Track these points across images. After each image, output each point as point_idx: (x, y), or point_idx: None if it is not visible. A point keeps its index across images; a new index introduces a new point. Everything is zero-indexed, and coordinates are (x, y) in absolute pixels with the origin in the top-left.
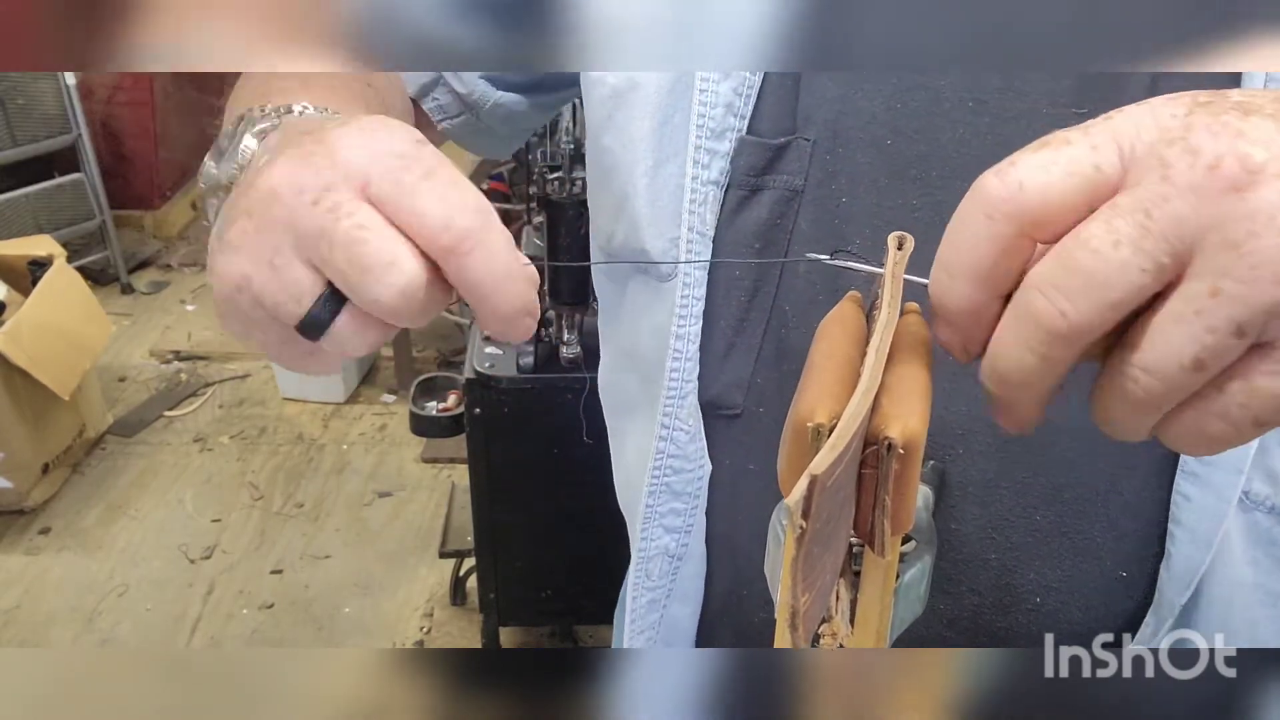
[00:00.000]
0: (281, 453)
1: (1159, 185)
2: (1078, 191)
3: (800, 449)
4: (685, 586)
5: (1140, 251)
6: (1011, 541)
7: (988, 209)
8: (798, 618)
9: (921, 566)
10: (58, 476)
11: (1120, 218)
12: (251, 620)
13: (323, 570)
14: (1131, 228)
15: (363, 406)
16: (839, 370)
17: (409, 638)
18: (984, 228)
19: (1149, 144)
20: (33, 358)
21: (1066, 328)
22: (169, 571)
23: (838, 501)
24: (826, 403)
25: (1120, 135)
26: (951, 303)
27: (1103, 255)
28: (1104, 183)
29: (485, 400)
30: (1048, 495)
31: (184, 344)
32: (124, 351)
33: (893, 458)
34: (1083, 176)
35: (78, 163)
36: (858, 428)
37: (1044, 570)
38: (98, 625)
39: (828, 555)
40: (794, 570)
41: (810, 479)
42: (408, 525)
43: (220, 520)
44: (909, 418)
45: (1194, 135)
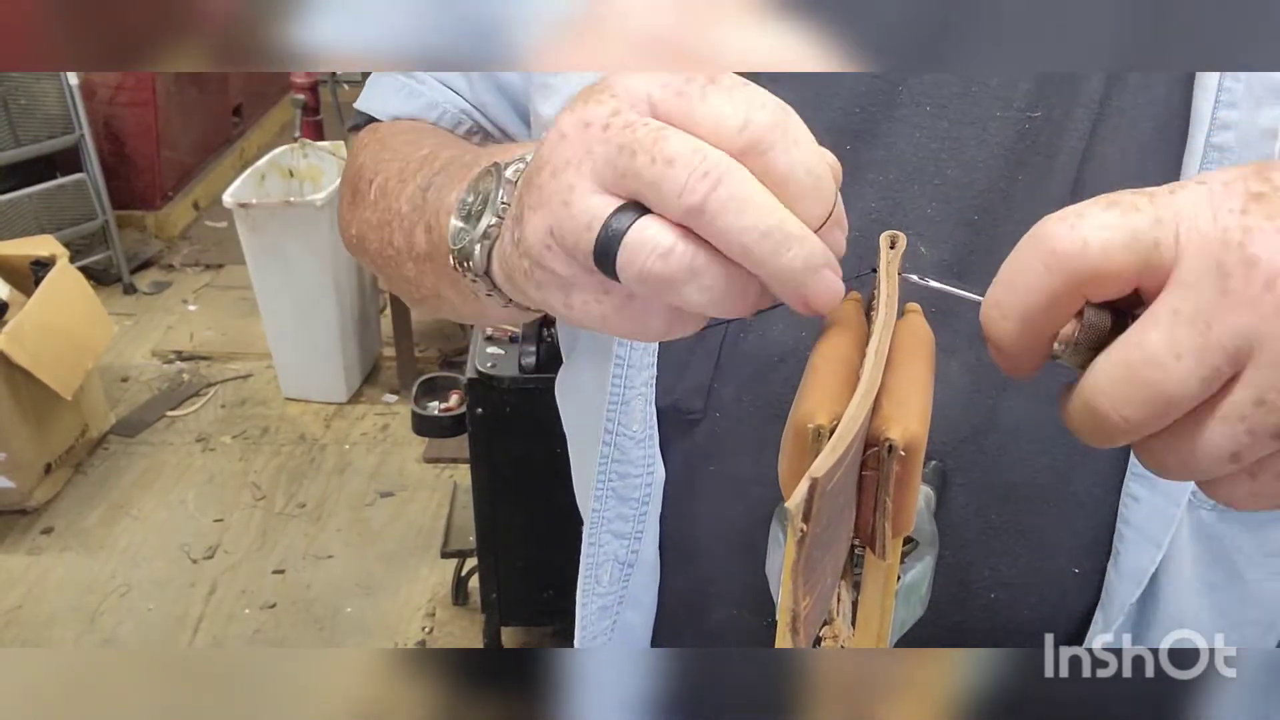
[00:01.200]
0: (283, 453)
1: (1218, 297)
2: (1135, 262)
3: (801, 451)
4: (637, 594)
5: (1201, 364)
6: (965, 539)
7: (1048, 260)
8: (799, 621)
9: (922, 567)
10: (60, 476)
11: (1181, 328)
12: (253, 620)
13: (324, 570)
14: (1192, 339)
15: (365, 406)
16: (839, 372)
17: (411, 638)
18: (1041, 279)
19: (1205, 240)
20: (35, 358)
21: (1127, 429)
22: (171, 571)
23: (838, 504)
24: (827, 405)
25: (1181, 217)
26: (1004, 341)
27: (1165, 368)
28: (1158, 261)
29: (487, 400)
30: (1000, 493)
31: (186, 344)
32: (126, 351)
33: (893, 459)
34: (1143, 249)
35: (80, 163)
36: (858, 430)
37: (998, 566)
38: (100, 625)
39: (828, 558)
40: (795, 573)
41: (811, 482)
42: (409, 525)
43: (222, 520)
44: (909, 419)
45: (1252, 243)
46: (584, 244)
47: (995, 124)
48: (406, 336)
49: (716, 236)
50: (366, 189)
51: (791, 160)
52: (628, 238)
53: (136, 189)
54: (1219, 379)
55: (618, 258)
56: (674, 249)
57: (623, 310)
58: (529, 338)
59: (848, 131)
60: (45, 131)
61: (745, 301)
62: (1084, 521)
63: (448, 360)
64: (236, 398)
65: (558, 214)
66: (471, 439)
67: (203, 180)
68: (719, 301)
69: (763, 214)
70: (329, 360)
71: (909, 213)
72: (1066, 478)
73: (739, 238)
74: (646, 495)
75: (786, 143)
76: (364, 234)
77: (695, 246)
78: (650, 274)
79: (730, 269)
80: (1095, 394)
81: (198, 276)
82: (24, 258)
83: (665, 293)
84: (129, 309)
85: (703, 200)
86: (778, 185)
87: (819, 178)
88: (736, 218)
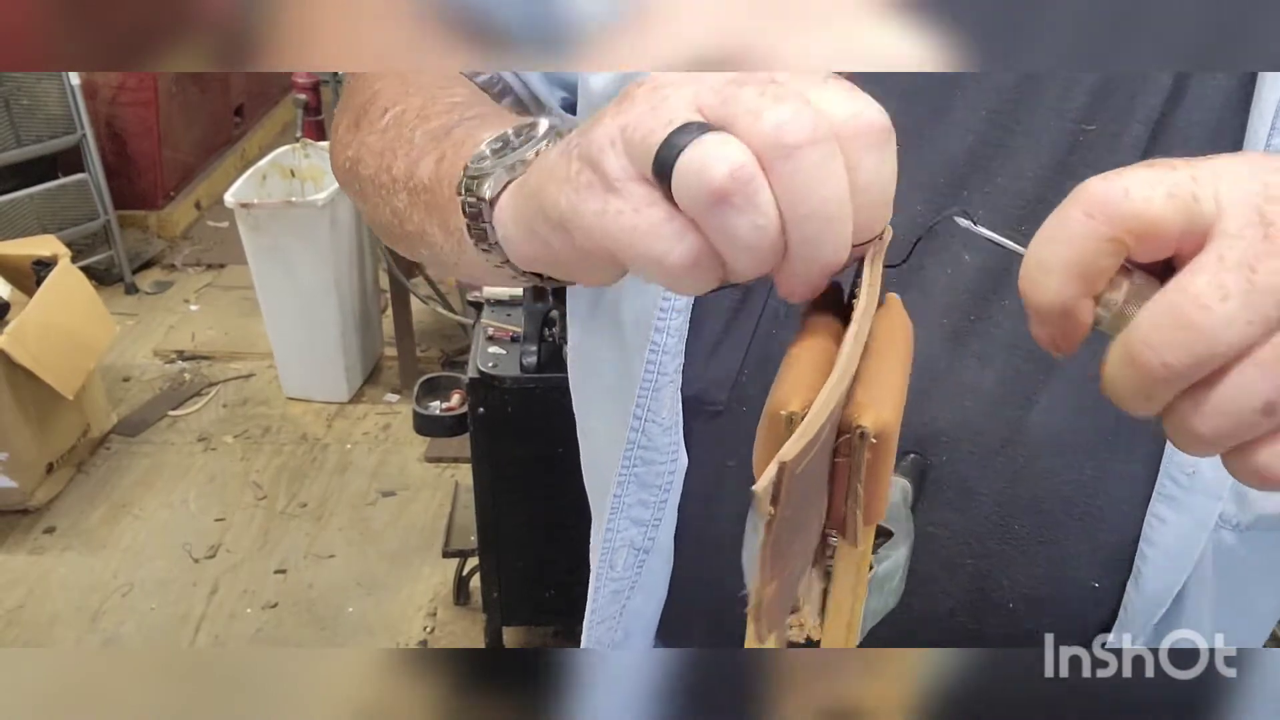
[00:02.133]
0: (285, 452)
1: (1263, 244)
2: (1176, 214)
3: (774, 437)
4: (650, 579)
5: (1248, 306)
6: (988, 548)
7: (1089, 208)
8: (760, 608)
9: (896, 559)
10: (62, 476)
11: (1227, 272)
12: (255, 620)
13: (326, 570)
14: (1238, 281)
15: (366, 406)
16: (815, 359)
17: (412, 637)
18: (1084, 225)
19: (1247, 195)
20: (37, 358)
21: (1169, 376)
22: (173, 571)
23: (808, 489)
24: (801, 391)
25: (1220, 178)
26: (1045, 297)
27: (1211, 311)
28: (1199, 215)
29: (489, 400)
30: (1026, 505)
31: (188, 344)
32: (128, 351)
33: (865, 447)
34: (1183, 201)
35: (82, 163)
36: (828, 416)
37: (1018, 577)
38: (101, 625)
39: (797, 544)
40: (761, 558)
41: (779, 466)
42: (411, 525)
43: (224, 520)
44: (882, 407)
45: None
46: (652, 140)
47: (1049, 134)
48: (408, 336)
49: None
50: (378, 115)
51: (882, 172)
52: (703, 139)
53: (138, 189)
54: (1265, 326)
55: (681, 157)
56: (746, 168)
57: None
58: (530, 338)
59: (899, 128)
60: (47, 131)
61: (764, 267)
62: (1106, 536)
63: (449, 360)
64: (238, 397)
65: (639, 113)
66: (473, 439)
67: (204, 180)
68: (754, 249)
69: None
70: (330, 360)
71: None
72: (1092, 492)
73: (803, 204)
74: (669, 483)
75: (884, 154)
76: (360, 157)
77: (764, 180)
78: (711, 180)
79: (780, 226)
80: (1137, 342)
81: (199, 276)
82: (26, 257)
83: (714, 209)
84: (131, 309)
85: (797, 145)
86: (856, 188)
87: (886, 204)
88: (817, 184)
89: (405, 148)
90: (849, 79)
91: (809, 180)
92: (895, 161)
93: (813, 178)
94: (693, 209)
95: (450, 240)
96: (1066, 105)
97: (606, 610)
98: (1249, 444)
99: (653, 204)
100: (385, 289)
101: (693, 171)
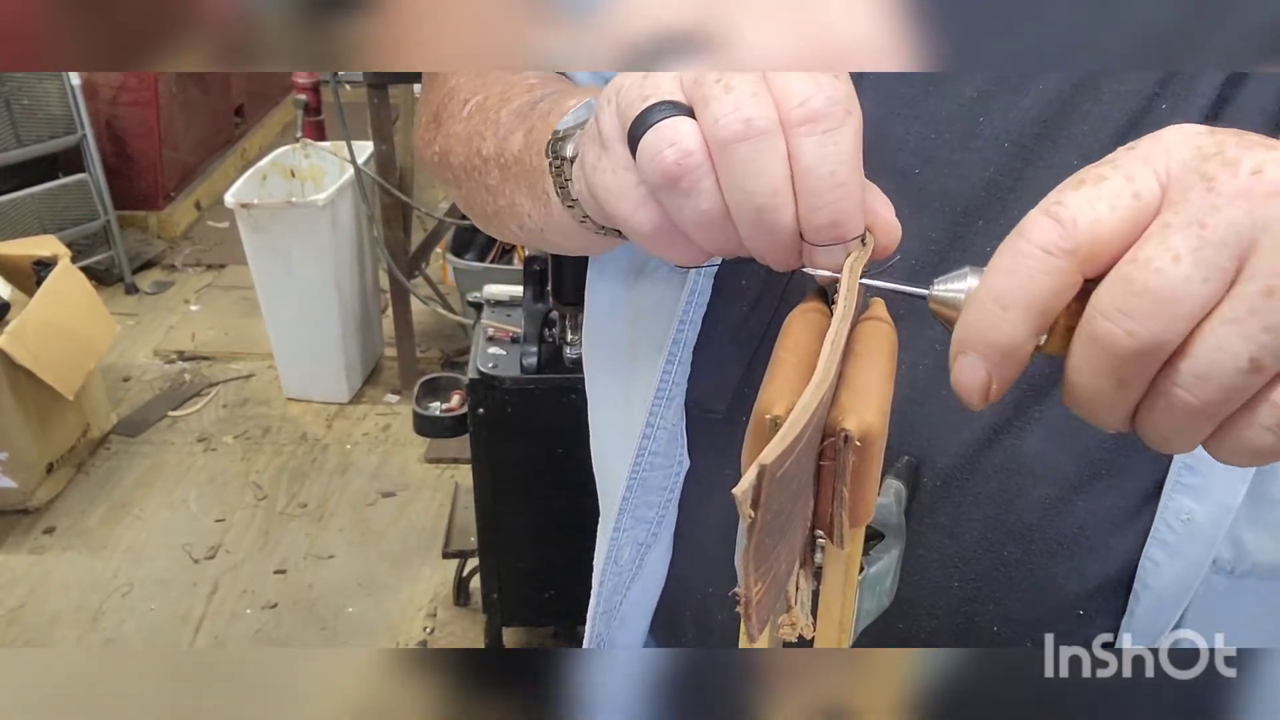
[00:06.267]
0: (285, 453)
1: (1206, 197)
2: (1124, 222)
3: (759, 441)
4: (649, 571)
5: (1200, 262)
6: (975, 573)
7: (1045, 245)
8: (750, 606)
9: (889, 560)
10: (62, 476)
11: (1175, 234)
12: (255, 620)
13: (326, 570)
14: (1187, 240)
15: (366, 406)
16: (800, 364)
17: (412, 638)
18: (1041, 262)
19: (1184, 162)
20: (37, 358)
21: (1135, 347)
22: (173, 571)
23: (791, 492)
24: (786, 396)
25: (1152, 159)
26: (1002, 335)
27: (1164, 273)
28: (1144, 209)
29: (489, 400)
30: (1016, 533)
31: (188, 344)
32: (128, 351)
33: (849, 450)
34: (1126, 208)
35: (82, 163)
36: (809, 419)
37: (1005, 603)
38: (102, 625)
39: (782, 545)
40: (746, 560)
41: (759, 469)
42: (411, 525)
43: (224, 520)
44: (865, 411)
45: (1228, 149)
46: (631, 112)
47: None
48: (408, 336)
49: (724, 179)
50: (459, 108)
51: (822, 153)
52: (662, 122)
53: (138, 189)
54: (1223, 278)
55: (644, 135)
56: (692, 154)
57: (624, 192)
58: (530, 338)
59: (920, 154)
60: (47, 132)
61: (724, 244)
62: (1095, 569)
63: (449, 360)
64: (238, 398)
65: (635, 80)
66: (473, 439)
67: (205, 180)
68: (702, 228)
69: (767, 189)
70: (331, 360)
71: (968, 247)
72: (1082, 525)
73: (737, 194)
74: (674, 484)
75: (826, 137)
76: (449, 149)
77: (709, 168)
78: (661, 165)
79: (726, 209)
80: (1096, 318)
81: (200, 276)
82: (26, 258)
83: (664, 189)
84: (131, 309)
85: (728, 141)
86: (801, 171)
87: (840, 184)
88: (745, 178)
89: (492, 129)
90: None
91: (744, 172)
92: (849, 143)
93: (746, 170)
94: (649, 185)
95: (538, 205)
96: (1093, 143)
97: (609, 601)
98: (1240, 415)
99: (629, 168)
100: (385, 289)
101: (648, 153)
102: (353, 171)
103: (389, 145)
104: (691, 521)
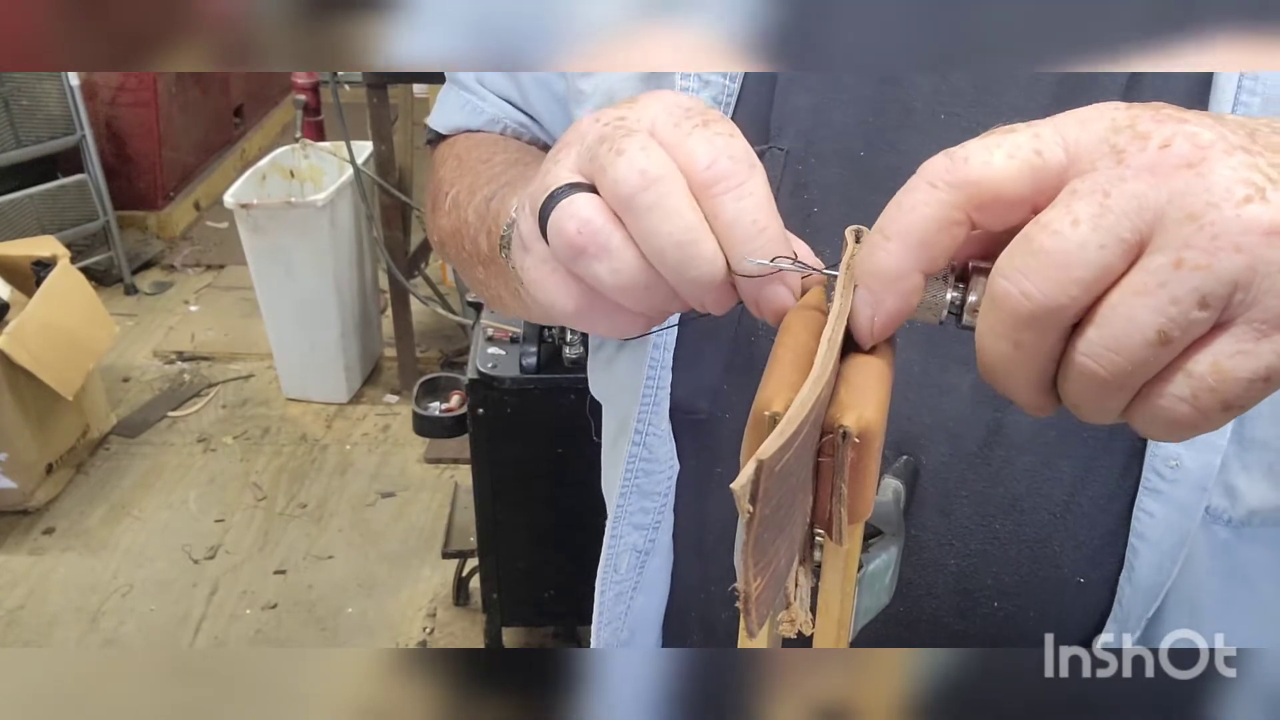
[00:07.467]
0: (285, 453)
1: (1114, 168)
2: (1019, 173)
3: (758, 438)
4: (651, 579)
5: (1099, 229)
6: (970, 549)
7: (932, 178)
8: (750, 602)
9: (887, 557)
10: (61, 477)
11: (1078, 201)
12: (255, 620)
13: (326, 570)
14: (1089, 207)
15: (366, 407)
16: (798, 361)
17: (412, 638)
18: (926, 194)
19: (1096, 134)
20: (37, 358)
21: (1031, 309)
22: (172, 572)
23: (789, 488)
24: (785, 392)
25: (1063, 128)
26: (880, 263)
27: (1062, 235)
28: (1045, 169)
29: (488, 400)
30: (1006, 505)
31: (187, 344)
32: (128, 352)
33: (848, 446)
34: (1024, 160)
35: (81, 164)
36: (807, 415)
37: (1001, 576)
38: (101, 625)
39: (781, 541)
40: (745, 555)
41: (757, 464)
42: (411, 525)
43: (224, 520)
44: (864, 407)
45: (1141, 123)
46: (538, 206)
47: None
48: (407, 337)
49: (637, 233)
50: (444, 199)
51: (740, 207)
52: (561, 202)
53: (138, 189)
54: (1122, 248)
55: (549, 218)
56: (592, 222)
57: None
58: (530, 338)
59: (860, 137)
60: (47, 132)
61: (653, 300)
62: (1089, 532)
63: (449, 361)
64: (238, 398)
65: (539, 180)
66: (472, 439)
67: (204, 181)
68: (626, 289)
69: (681, 227)
70: (330, 361)
71: None
72: (1072, 490)
73: (653, 240)
74: (668, 489)
75: (740, 191)
76: (444, 240)
77: (614, 229)
78: (565, 238)
79: (643, 263)
80: (996, 278)
81: (199, 277)
82: (25, 258)
83: (577, 262)
84: (130, 309)
85: (630, 195)
86: (725, 227)
87: (763, 230)
88: (657, 222)
89: (465, 229)
90: None
91: (654, 217)
92: (761, 192)
93: (655, 214)
94: (564, 262)
95: (517, 300)
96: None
97: (613, 611)
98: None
99: (546, 259)
100: (385, 289)
101: (554, 232)
102: (352, 172)
103: (388, 145)
104: (688, 523)
